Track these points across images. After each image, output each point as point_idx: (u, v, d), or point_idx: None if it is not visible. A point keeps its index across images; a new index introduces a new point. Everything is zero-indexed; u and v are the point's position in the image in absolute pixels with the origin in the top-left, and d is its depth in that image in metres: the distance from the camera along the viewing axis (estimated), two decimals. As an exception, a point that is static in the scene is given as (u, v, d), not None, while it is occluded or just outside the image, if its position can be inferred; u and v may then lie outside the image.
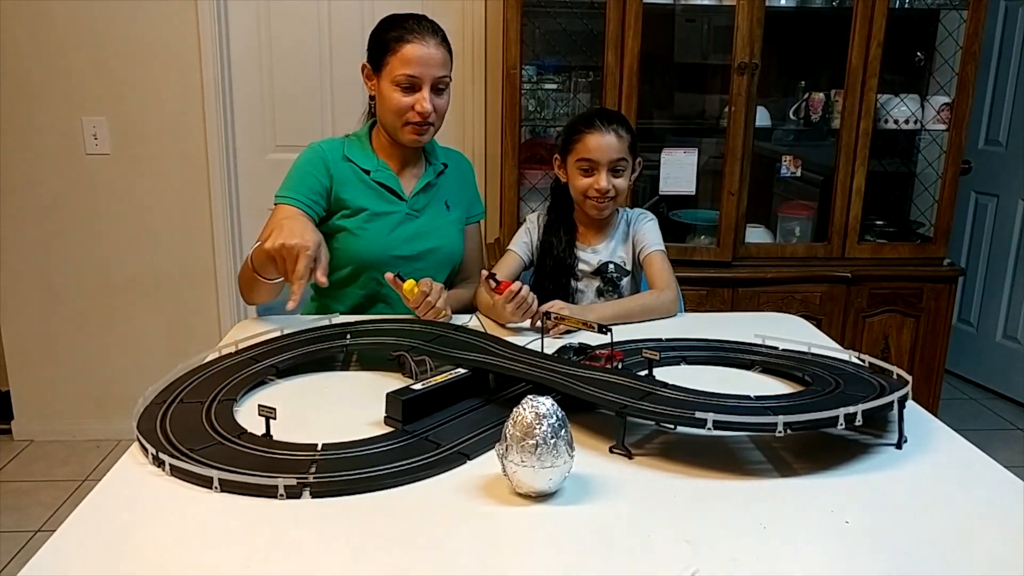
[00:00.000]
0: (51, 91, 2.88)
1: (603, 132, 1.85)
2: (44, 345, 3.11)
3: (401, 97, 1.74)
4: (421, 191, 1.88)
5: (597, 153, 1.85)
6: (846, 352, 1.48)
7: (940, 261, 2.84)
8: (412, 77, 1.73)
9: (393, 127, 1.79)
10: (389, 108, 1.77)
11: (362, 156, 1.85)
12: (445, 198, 1.93)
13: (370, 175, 1.83)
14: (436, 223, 1.90)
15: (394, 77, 1.74)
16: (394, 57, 1.73)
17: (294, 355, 1.44)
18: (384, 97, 1.77)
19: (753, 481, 1.07)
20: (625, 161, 1.86)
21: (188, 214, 3.03)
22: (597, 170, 1.85)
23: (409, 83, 1.74)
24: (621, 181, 1.87)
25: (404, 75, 1.73)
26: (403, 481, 1.05)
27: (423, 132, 1.79)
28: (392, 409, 1.21)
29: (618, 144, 1.85)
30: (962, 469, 1.13)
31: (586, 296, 1.92)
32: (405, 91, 1.74)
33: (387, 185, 1.85)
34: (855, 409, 1.07)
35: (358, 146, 1.87)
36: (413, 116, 1.76)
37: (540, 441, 0.99)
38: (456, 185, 1.97)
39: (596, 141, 1.85)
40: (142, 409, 1.23)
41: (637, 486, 1.05)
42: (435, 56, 1.75)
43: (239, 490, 1.02)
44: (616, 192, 1.86)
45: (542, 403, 1.02)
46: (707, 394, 1.19)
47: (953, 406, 3.56)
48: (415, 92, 1.75)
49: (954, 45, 2.74)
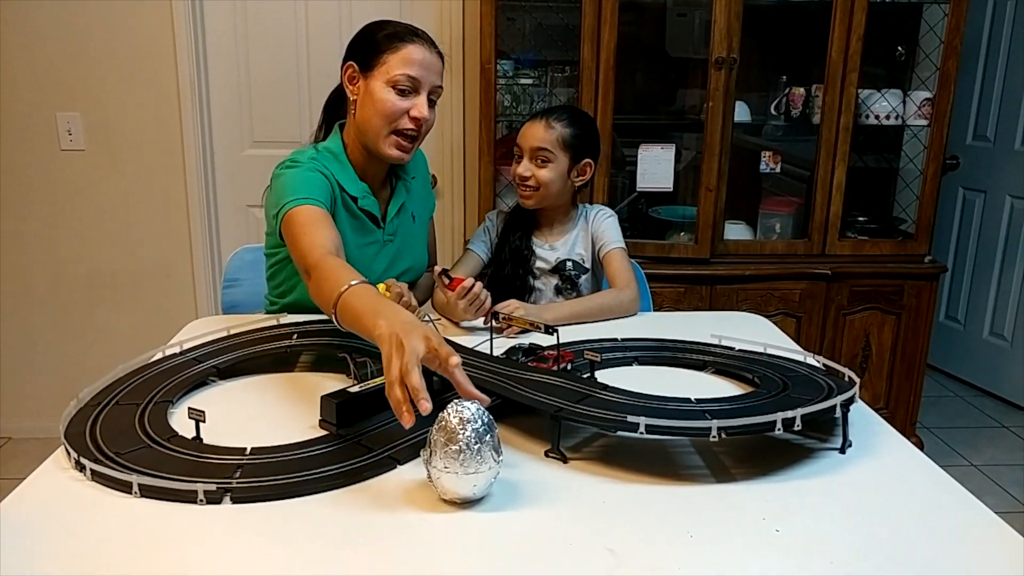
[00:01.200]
0: (24, 86, 2.85)
1: (536, 122, 1.87)
2: (21, 342, 3.10)
3: (396, 100, 1.59)
4: (396, 215, 1.76)
5: (522, 139, 1.88)
6: (802, 353, 1.45)
7: (922, 258, 2.81)
8: (413, 79, 1.59)
9: (376, 135, 1.62)
10: (380, 111, 1.60)
11: (346, 179, 1.67)
12: (412, 210, 1.84)
13: (357, 203, 1.68)
14: (408, 242, 1.81)
15: (392, 76, 1.58)
16: (394, 55, 1.59)
17: (237, 356, 1.41)
18: (375, 99, 1.60)
19: (688, 487, 1.04)
20: (550, 152, 1.85)
21: (165, 210, 3.01)
22: (522, 156, 1.87)
23: (408, 84, 1.59)
24: (543, 172, 1.85)
25: (405, 75, 1.58)
26: (328, 487, 1.02)
27: (409, 148, 1.65)
28: (326, 412, 1.18)
29: (543, 134, 1.85)
30: (903, 475, 1.10)
31: (544, 294, 1.89)
32: (401, 94, 1.60)
33: (370, 212, 1.71)
34: (793, 414, 1.05)
35: (336, 163, 1.67)
36: (405, 123, 1.61)
37: (464, 447, 0.97)
38: (419, 192, 1.88)
39: (527, 129, 1.88)
40: (74, 412, 1.21)
41: (568, 492, 1.03)
42: (435, 63, 1.64)
43: (159, 495, 1.00)
44: (538, 183, 1.85)
45: (467, 408, 0.99)
46: (647, 397, 1.16)
47: (939, 404, 3.53)
48: (411, 97, 1.61)
49: (936, 40, 2.70)
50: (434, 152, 3.00)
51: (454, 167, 3.01)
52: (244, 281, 2.06)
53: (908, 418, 2.89)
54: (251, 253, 2.08)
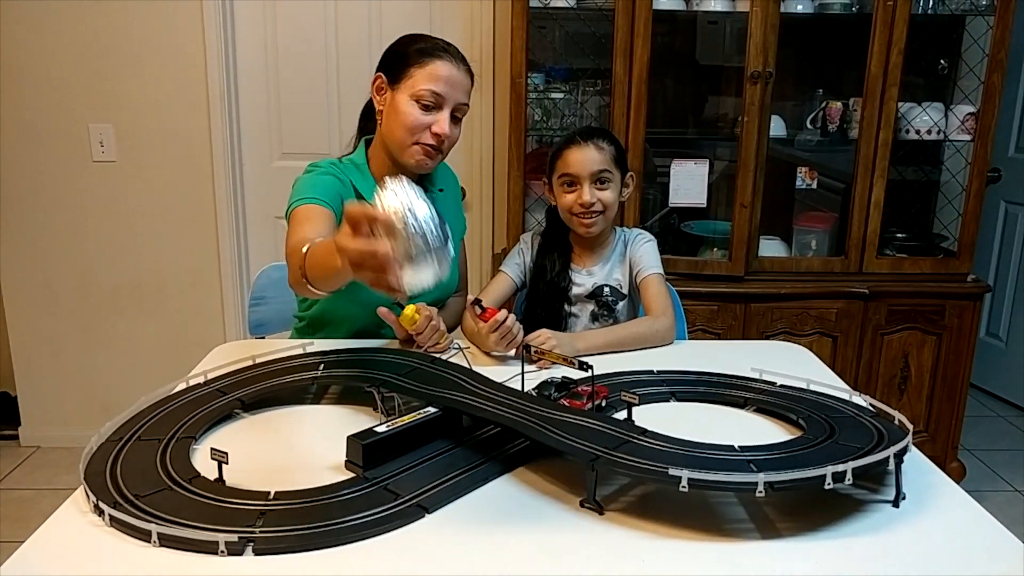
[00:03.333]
0: (58, 98, 2.86)
1: (582, 146, 1.79)
2: (51, 351, 3.10)
3: (420, 114, 1.62)
4: None
5: (577, 167, 1.78)
6: (848, 391, 1.39)
7: (964, 277, 2.73)
8: (437, 95, 1.61)
9: (400, 145, 1.65)
10: (403, 124, 1.62)
11: (366, 187, 1.67)
12: None
13: None
14: None
15: (416, 91, 1.61)
16: (420, 70, 1.62)
17: (263, 387, 1.38)
18: (399, 112, 1.63)
19: (732, 543, 0.99)
20: (609, 173, 1.79)
21: (193, 222, 3.00)
22: (580, 184, 1.78)
23: (432, 100, 1.61)
24: (607, 194, 1.79)
25: (429, 90, 1.61)
26: (351, 539, 0.98)
27: (433, 157, 1.66)
28: (352, 453, 1.14)
29: (599, 156, 1.78)
30: (962, 531, 1.03)
31: (580, 321, 1.84)
32: (424, 109, 1.62)
33: None
34: (844, 468, 0.99)
35: (357, 174, 1.71)
36: (427, 137, 1.63)
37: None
38: (449, 206, 1.86)
39: (576, 155, 1.79)
40: (95, 448, 1.17)
41: (605, 548, 0.98)
42: (462, 81, 1.65)
43: (179, 545, 0.96)
44: (603, 206, 1.79)
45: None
46: (688, 444, 1.11)
47: (980, 424, 3.43)
48: (434, 112, 1.63)
49: (980, 52, 2.62)
50: (463, 166, 2.96)
51: (483, 181, 2.97)
52: (271, 300, 2.04)
53: (949, 442, 2.81)
54: (278, 271, 2.06)
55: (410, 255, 1.03)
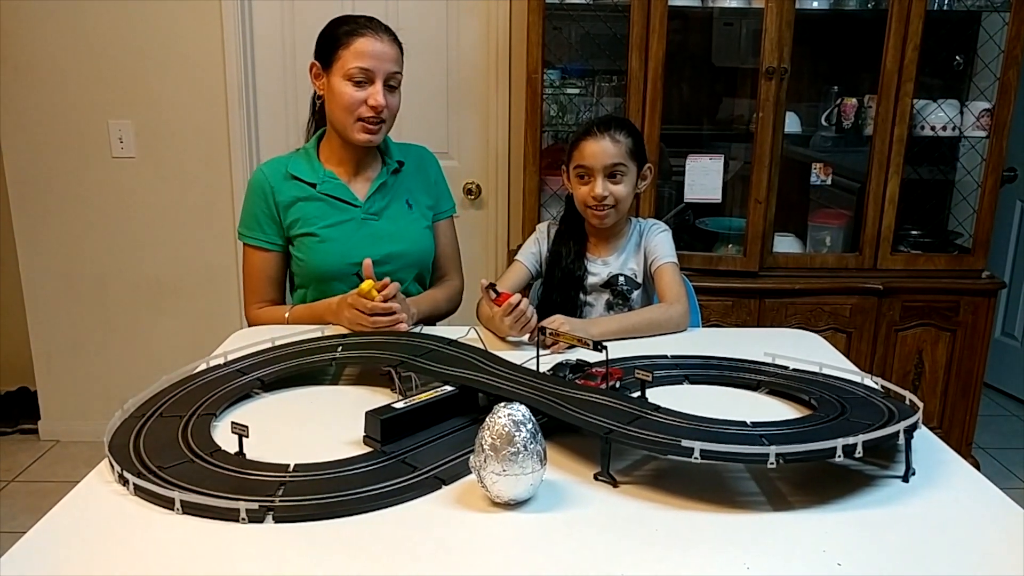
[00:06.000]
0: (78, 94, 2.89)
1: (598, 138, 1.79)
2: (70, 346, 3.13)
3: (353, 91, 1.72)
4: (376, 192, 1.84)
5: (591, 159, 1.79)
6: (860, 374, 1.40)
7: (979, 273, 2.72)
8: (365, 70, 1.72)
9: (344, 125, 1.76)
10: (340, 104, 1.74)
11: (307, 170, 1.82)
12: (405, 197, 1.89)
13: (316, 188, 1.80)
14: (398, 224, 1.86)
15: (347, 71, 1.72)
16: (347, 51, 1.72)
17: (281, 368, 1.40)
18: (335, 93, 1.74)
19: (744, 515, 1.00)
20: (623, 166, 1.79)
21: (211, 217, 3.03)
22: (593, 176, 1.79)
23: (363, 76, 1.72)
24: (620, 188, 1.80)
25: (357, 67, 1.71)
26: (371, 507, 1.00)
27: (376, 130, 1.76)
28: (371, 428, 1.16)
29: (614, 149, 1.78)
30: (971, 506, 1.04)
31: (595, 309, 1.85)
32: (357, 85, 1.72)
33: (335, 196, 1.81)
34: (855, 440, 1.00)
35: (304, 160, 1.83)
36: (365, 111, 1.73)
37: (521, 448, 0.98)
38: (417, 181, 1.93)
39: (591, 147, 1.80)
40: (118, 423, 1.20)
41: (619, 519, 0.99)
42: (388, 52, 1.74)
43: (201, 513, 0.98)
44: (616, 200, 1.80)
45: (517, 410, 1.00)
46: (700, 419, 1.12)
47: (994, 423, 3.42)
48: (367, 87, 1.73)
49: (996, 48, 2.62)
50: (479, 161, 2.99)
51: (499, 177, 2.99)
52: (288, 290, 2.06)
53: (964, 438, 2.80)
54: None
55: None
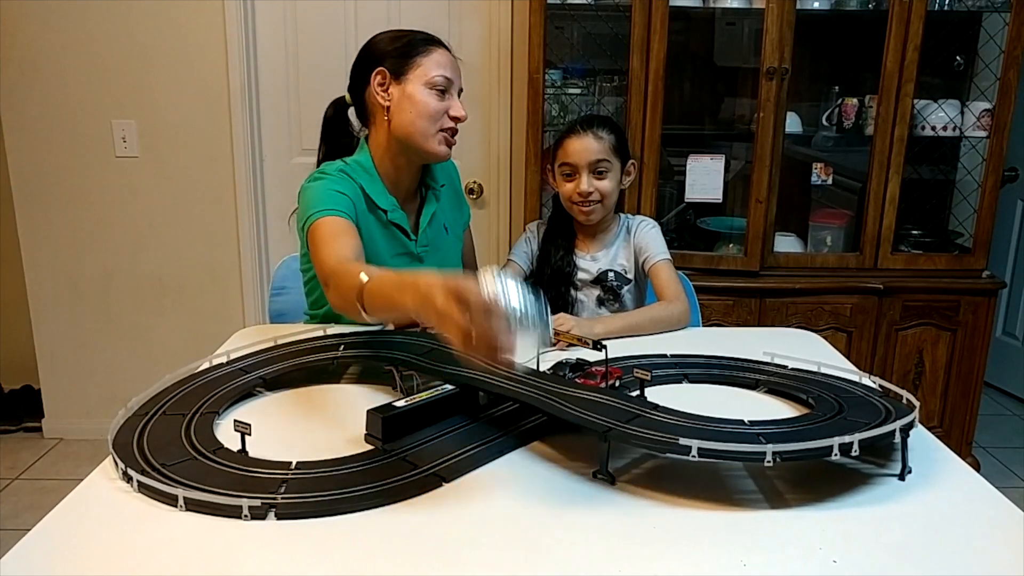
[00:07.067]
0: (82, 94, 2.91)
1: (581, 136, 1.83)
2: (74, 344, 3.15)
3: (437, 100, 1.63)
4: (428, 225, 1.76)
5: (575, 156, 1.83)
6: (858, 374, 1.41)
7: (979, 273, 2.73)
8: (448, 79, 1.64)
9: (424, 135, 1.64)
10: (423, 112, 1.62)
11: (376, 192, 1.67)
12: (443, 221, 1.82)
13: (387, 215, 1.69)
14: (440, 254, 1.79)
15: (430, 78, 1.63)
16: (427, 58, 1.64)
17: (284, 366, 1.41)
18: (415, 101, 1.62)
19: (741, 512, 1.01)
20: (607, 162, 1.82)
21: (214, 217, 3.04)
22: (578, 173, 1.82)
23: (445, 85, 1.64)
24: (605, 183, 1.83)
25: (442, 75, 1.63)
26: (373, 504, 1.01)
27: (452, 143, 1.68)
28: (372, 427, 1.17)
29: (597, 146, 1.82)
30: (967, 505, 1.05)
31: (586, 306, 1.87)
32: (440, 94, 1.64)
33: (400, 225, 1.71)
34: (851, 439, 1.01)
35: (367, 177, 1.67)
36: (447, 122, 1.65)
37: None
38: (450, 202, 1.87)
39: (574, 145, 1.83)
40: (122, 421, 1.21)
41: (617, 516, 1.00)
42: (459, 67, 1.70)
43: (204, 509, 0.99)
44: (601, 195, 1.82)
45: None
46: (698, 418, 1.13)
47: (995, 422, 3.42)
48: (447, 98, 1.65)
49: (996, 49, 2.63)
50: (480, 161, 3.00)
51: (500, 176, 3.00)
52: (292, 289, 2.07)
53: (964, 438, 2.81)
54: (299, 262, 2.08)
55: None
